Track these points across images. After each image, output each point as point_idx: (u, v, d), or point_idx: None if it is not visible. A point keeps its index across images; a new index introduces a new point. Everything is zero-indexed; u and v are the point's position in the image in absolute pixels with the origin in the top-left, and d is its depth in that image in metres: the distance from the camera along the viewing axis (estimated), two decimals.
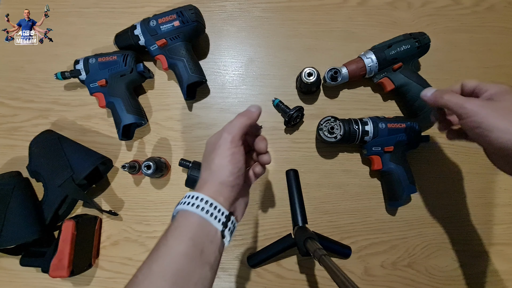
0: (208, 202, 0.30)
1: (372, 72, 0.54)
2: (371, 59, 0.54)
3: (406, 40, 0.53)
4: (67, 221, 0.49)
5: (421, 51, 0.54)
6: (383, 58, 0.53)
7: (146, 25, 0.54)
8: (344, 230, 0.54)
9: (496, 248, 0.54)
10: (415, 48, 0.53)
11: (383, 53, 0.53)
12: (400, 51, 0.53)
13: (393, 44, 0.53)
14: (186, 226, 0.29)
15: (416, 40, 0.53)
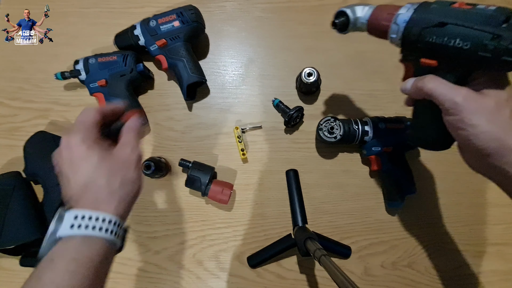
0: (84, 217, 0.27)
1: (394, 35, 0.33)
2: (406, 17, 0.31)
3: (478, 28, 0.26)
4: None
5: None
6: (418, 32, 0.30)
7: (146, 25, 0.54)
8: (344, 230, 0.54)
9: (496, 248, 0.54)
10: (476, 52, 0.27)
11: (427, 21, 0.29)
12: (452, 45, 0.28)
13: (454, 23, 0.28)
14: (71, 254, 0.26)
15: (492, 39, 0.25)
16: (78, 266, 0.26)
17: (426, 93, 0.31)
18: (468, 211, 0.55)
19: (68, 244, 0.27)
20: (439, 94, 0.29)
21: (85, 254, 0.27)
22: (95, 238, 0.27)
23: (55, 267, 0.26)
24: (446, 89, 0.29)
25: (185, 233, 0.55)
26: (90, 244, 0.27)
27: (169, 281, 0.53)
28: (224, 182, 0.54)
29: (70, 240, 0.27)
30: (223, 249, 0.54)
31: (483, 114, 0.28)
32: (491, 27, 0.25)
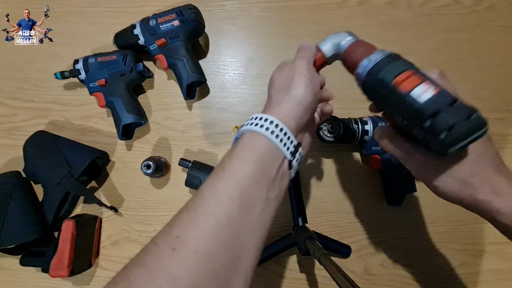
0: (278, 126, 0.27)
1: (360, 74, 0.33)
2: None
3: None
4: (67, 221, 0.49)
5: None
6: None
7: (146, 24, 0.54)
8: (344, 229, 0.54)
9: (496, 247, 0.54)
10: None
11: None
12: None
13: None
14: (253, 149, 0.26)
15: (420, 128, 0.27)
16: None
17: (385, 150, 0.34)
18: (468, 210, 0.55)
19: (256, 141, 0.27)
20: (398, 157, 0.32)
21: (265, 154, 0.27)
22: (279, 151, 0.27)
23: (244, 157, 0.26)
24: (402, 155, 0.31)
25: None
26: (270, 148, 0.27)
27: None
28: None
29: (259, 138, 0.27)
30: None
31: (436, 175, 0.29)
32: (417, 120, 0.26)
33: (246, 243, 0.24)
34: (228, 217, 0.23)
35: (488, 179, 0.27)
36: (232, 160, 0.26)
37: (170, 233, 0.23)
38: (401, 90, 0.27)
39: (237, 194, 0.24)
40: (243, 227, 0.23)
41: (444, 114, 0.24)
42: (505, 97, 0.60)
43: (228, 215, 0.23)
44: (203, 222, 0.22)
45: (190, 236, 0.22)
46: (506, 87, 0.60)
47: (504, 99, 0.60)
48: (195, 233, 0.22)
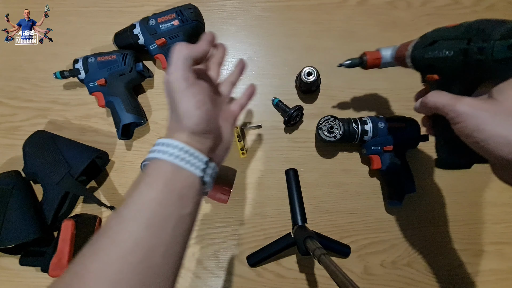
0: (183, 149, 0.27)
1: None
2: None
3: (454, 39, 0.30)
4: (67, 221, 0.49)
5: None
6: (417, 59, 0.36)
7: (146, 24, 0.54)
8: (344, 229, 0.54)
9: (496, 247, 0.54)
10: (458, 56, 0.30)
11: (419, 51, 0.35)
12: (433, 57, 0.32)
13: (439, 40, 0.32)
14: (159, 173, 0.26)
15: (467, 43, 0.28)
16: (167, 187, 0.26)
17: (431, 107, 0.32)
18: (468, 210, 0.55)
19: (161, 167, 0.26)
20: (442, 105, 0.30)
21: (174, 180, 0.26)
22: (186, 171, 0.27)
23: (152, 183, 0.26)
24: (447, 99, 0.30)
25: None
26: (178, 172, 0.26)
27: None
28: (224, 182, 0.54)
29: (164, 164, 0.26)
30: (222, 248, 0.54)
31: (489, 117, 0.27)
32: (466, 34, 0.29)
33: (161, 261, 0.23)
34: (135, 241, 0.23)
35: None
36: (139, 186, 0.25)
37: (69, 270, 0.23)
38: (453, 25, 0.31)
39: (145, 217, 0.24)
40: (154, 247, 0.23)
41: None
42: None
43: (135, 239, 0.23)
44: (105, 252, 0.22)
45: (90, 270, 0.22)
46: None
47: None
48: (96, 266, 0.22)
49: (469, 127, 0.28)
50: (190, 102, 0.27)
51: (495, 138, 0.26)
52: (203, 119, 0.28)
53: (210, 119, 0.29)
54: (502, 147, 0.26)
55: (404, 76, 0.58)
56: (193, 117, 0.27)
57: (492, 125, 0.26)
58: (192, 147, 0.27)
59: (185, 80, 0.27)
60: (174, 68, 0.28)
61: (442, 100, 0.30)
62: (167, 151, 0.26)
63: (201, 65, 0.35)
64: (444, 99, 0.30)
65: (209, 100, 0.29)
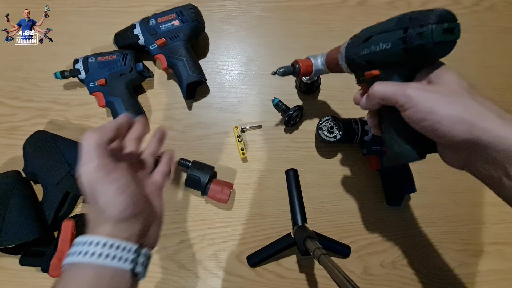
0: (106, 244, 0.24)
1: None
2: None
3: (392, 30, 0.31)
4: (67, 221, 0.49)
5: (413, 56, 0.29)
6: (351, 59, 0.36)
7: (146, 24, 0.54)
8: (344, 229, 0.54)
9: (496, 247, 0.54)
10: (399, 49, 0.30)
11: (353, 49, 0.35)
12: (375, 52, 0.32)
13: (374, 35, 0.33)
14: (78, 281, 0.23)
15: (404, 32, 0.29)
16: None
17: (378, 98, 0.31)
18: (467, 210, 0.55)
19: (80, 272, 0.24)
20: (389, 93, 0.29)
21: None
22: (113, 269, 0.24)
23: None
24: (394, 87, 0.30)
25: (185, 233, 0.55)
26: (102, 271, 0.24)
27: (169, 280, 0.53)
28: (224, 182, 0.54)
29: (84, 268, 0.24)
30: (222, 248, 0.54)
31: (439, 99, 0.27)
32: (400, 24, 0.30)
33: None
34: None
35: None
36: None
37: None
38: (384, 20, 0.33)
39: None
40: None
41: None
42: (504, 97, 0.60)
43: None
44: None
45: None
46: (506, 87, 0.60)
47: (504, 99, 0.60)
48: None
49: (421, 110, 0.27)
50: (110, 190, 0.25)
51: (449, 118, 0.26)
52: (129, 203, 0.25)
53: (136, 201, 0.26)
54: (456, 126, 0.26)
55: None
56: (117, 204, 0.25)
57: (443, 106, 0.26)
58: (118, 238, 0.25)
59: (102, 169, 0.25)
60: (87, 159, 0.25)
61: (390, 88, 0.30)
62: (88, 251, 0.24)
63: (117, 142, 0.32)
64: (391, 86, 0.30)
65: (132, 181, 0.27)
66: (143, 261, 0.26)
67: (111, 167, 0.26)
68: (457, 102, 0.26)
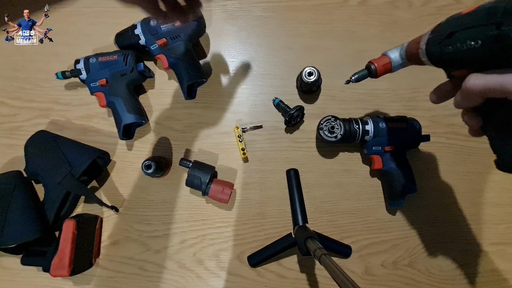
0: None
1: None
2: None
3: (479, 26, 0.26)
4: (68, 221, 0.49)
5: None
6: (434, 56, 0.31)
7: (147, 24, 0.54)
8: (345, 229, 0.54)
9: (497, 247, 0.54)
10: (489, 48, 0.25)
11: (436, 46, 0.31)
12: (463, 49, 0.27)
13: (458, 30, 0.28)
14: None
15: (496, 28, 0.24)
16: None
17: (481, 91, 0.26)
18: (469, 211, 0.55)
19: None
20: (495, 84, 0.25)
21: None
22: None
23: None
24: (498, 77, 0.25)
25: (186, 232, 0.55)
26: None
27: (170, 280, 0.53)
28: (225, 182, 0.54)
29: None
30: (223, 248, 0.54)
31: None
32: (492, 18, 0.25)
33: None
34: None
35: None
36: None
37: None
38: (469, 11, 0.28)
39: None
40: None
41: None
42: None
43: None
44: None
45: None
46: None
47: None
48: None
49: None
50: None
51: None
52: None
53: None
54: None
55: (405, 76, 0.58)
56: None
57: None
58: None
59: None
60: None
61: (493, 79, 0.25)
62: None
63: None
64: (494, 77, 0.25)
65: None
66: None
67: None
68: None
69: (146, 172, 0.50)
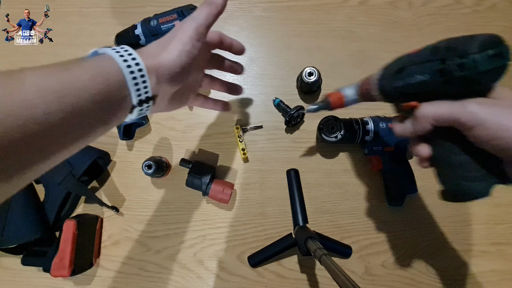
0: (141, 71, 0.26)
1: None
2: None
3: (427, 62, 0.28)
4: (68, 221, 0.49)
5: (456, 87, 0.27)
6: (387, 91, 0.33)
7: (147, 25, 0.54)
8: (345, 229, 0.54)
9: (497, 247, 0.54)
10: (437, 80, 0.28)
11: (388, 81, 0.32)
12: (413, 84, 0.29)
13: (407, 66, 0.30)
14: (104, 71, 0.25)
15: (441, 64, 0.27)
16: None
17: (430, 119, 0.28)
18: (470, 211, 0.55)
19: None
20: (445, 113, 0.26)
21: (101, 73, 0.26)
22: (127, 91, 0.26)
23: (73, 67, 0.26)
24: (449, 105, 0.26)
25: (186, 233, 0.55)
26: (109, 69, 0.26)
27: (170, 280, 0.53)
28: (225, 182, 0.54)
29: (114, 66, 0.26)
30: (223, 248, 0.54)
31: (509, 113, 0.24)
32: (436, 54, 0.28)
33: (57, 138, 0.23)
34: (44, 110, 0.21)
35: None
36: (78, 68, 0.26)
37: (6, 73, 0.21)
38: (417, 50, 0.30)
39: (63, 94, 0.23)
40: (54, 127, 0.22)
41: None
42: None
43: (45, 109, 0.21)
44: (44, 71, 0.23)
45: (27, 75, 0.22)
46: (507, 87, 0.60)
47: None
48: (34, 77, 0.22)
49: (491, 127, 0.24)
50: (183, 44, 0.30)
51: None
52: (182, 65, 0.29)
53: (186, 70, 0.30)
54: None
55: None
56: (175, 54, 0.29)
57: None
58: (149, 75, 0.27)
59: (196, 29, 0.30)
60: (196, 15, 0.31)
61: (444, 107, 0.26)
62: (127, 59, 0.26)
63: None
64: (446, 106, 0.26)
65: (199, 56, 0.32)
66: (144, 109, 0.28)
67: (200, 35, 0.31)
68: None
69: (147, 172, 0.50)
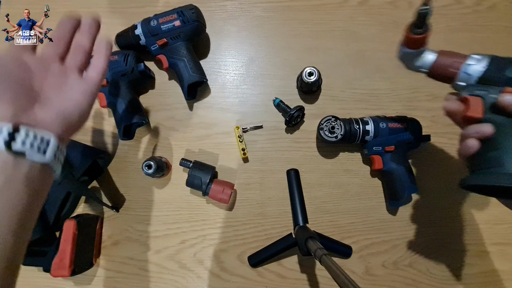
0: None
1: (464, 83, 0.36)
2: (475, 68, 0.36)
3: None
4: (69, 221, 0.49)
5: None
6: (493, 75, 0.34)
7: (147, 24, 0.54)
8: (345, 229, 0.54)
9: (497, 247, 0.54)
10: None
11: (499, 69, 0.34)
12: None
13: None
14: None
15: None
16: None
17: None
18: (470, 211, 0.55)
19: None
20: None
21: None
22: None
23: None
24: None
25: (186, 233, 0.55)
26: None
27: (170, 281, 0.53)
28: (225, 182, 0.54)
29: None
30: (223, 248, 0.54)
31: None
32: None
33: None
34: None
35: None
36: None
37: None
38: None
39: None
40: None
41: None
42: None
43: None
44: None
45: None
46: None
47: None
48: None
49: None
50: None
51: None
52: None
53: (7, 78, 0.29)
54: None
55: (405, 77, 0.58)
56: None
57: None
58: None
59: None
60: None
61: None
62: None
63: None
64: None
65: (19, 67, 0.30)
66: (23, 140, 0.26)
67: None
68: None
69: (147, 172, 0.50)
